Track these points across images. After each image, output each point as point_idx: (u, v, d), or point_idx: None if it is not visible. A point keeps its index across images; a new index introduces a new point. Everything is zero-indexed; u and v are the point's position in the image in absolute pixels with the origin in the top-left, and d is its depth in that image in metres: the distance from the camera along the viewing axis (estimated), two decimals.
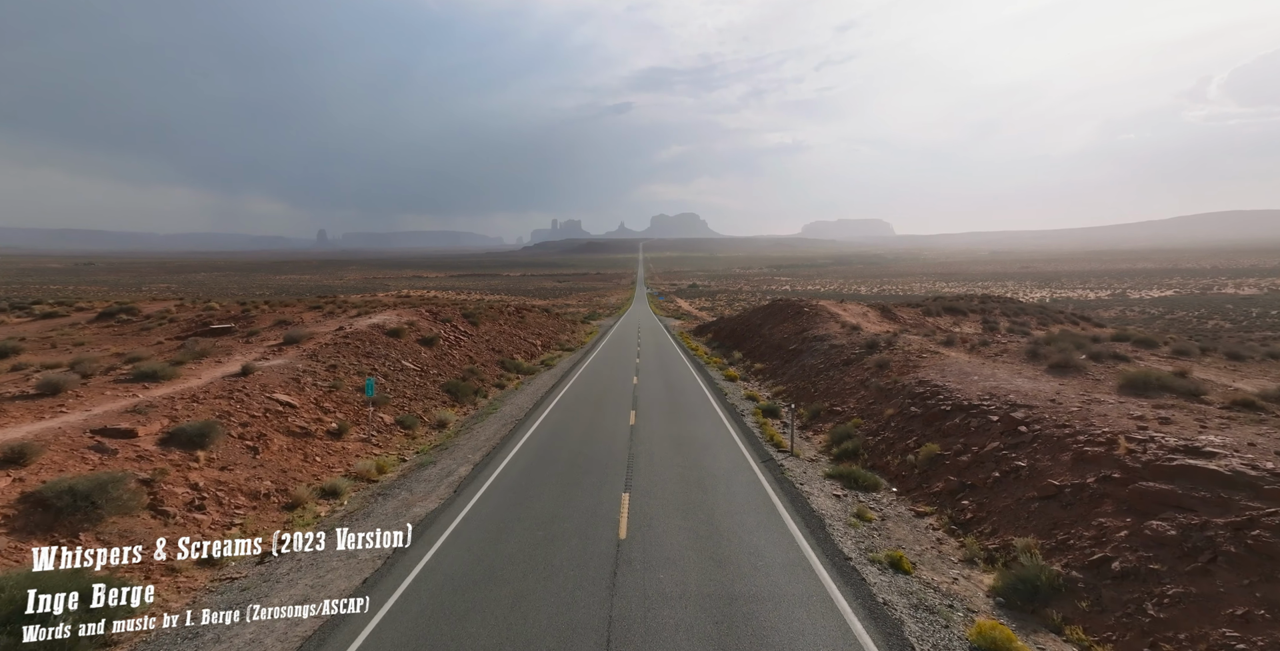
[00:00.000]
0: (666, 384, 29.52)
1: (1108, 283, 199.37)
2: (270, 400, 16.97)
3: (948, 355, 22.45)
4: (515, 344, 42.51)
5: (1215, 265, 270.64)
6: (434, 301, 57.79)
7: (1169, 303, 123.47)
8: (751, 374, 34.26)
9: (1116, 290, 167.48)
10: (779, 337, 38.93)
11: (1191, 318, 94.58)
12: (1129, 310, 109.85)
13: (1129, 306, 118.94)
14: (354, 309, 39.32)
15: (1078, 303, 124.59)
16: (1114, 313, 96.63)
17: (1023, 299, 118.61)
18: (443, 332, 34.64)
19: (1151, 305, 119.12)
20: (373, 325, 29.94)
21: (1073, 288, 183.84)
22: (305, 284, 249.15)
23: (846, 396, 22.14)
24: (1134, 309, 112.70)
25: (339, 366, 23.04)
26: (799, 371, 29.37)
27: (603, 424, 20.40)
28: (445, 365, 29.89)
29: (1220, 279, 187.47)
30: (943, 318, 41.04)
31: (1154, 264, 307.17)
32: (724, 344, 50.75)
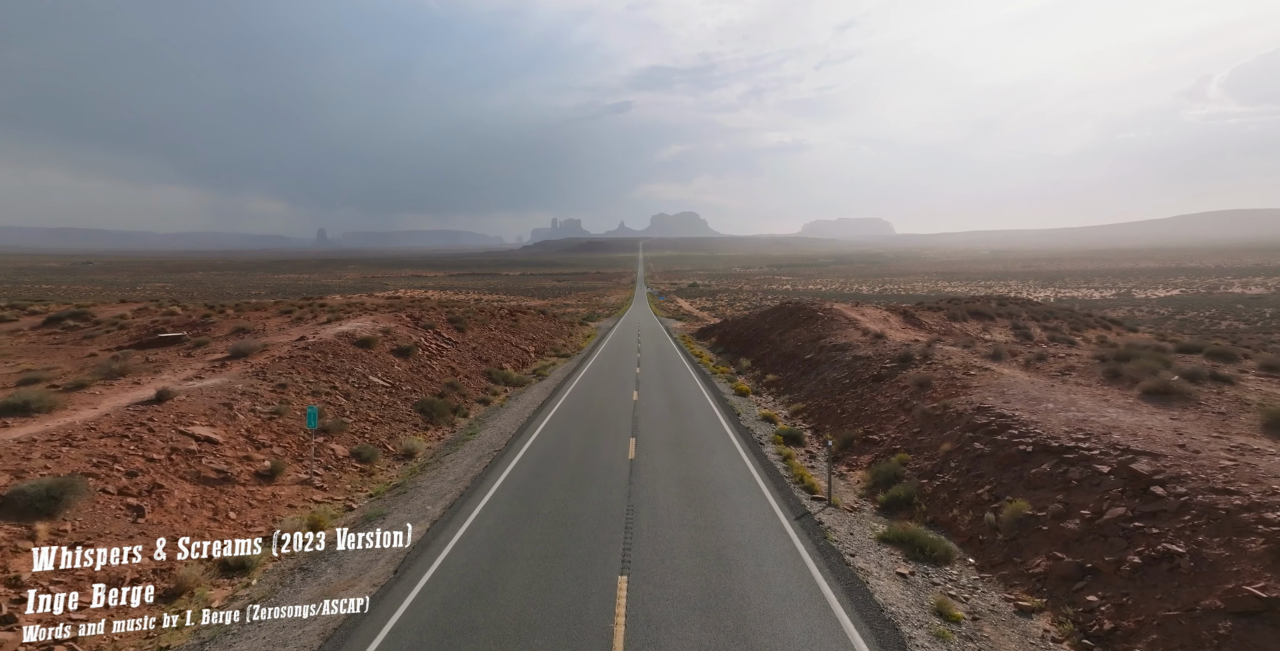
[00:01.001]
0: (670, 400, 26.21)
1: (1112, 282, 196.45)
2: (183, 435, 13.64)
3: (1000, 372, 19.15)
4: (506, 351, 39.14)
5: (1219, 264, 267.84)
6: (422, 303, 54.55)
7: (1176, 302, 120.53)
8: (763, 386, 30.98)
9: (1121, 289, 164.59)
10: (791, 345, 35.64)
11: (1203, 318, 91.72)
12: (1136, 310, 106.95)
13: (1136, 306, 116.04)
14: (328, 314, 36.05)
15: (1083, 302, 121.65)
16: (1121, 312, 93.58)
17: (1027, 299, 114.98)
18: (423, 341, 31.32)
19: (1159, 305, 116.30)
20: (341, 334, 26.62)
21: (1076, 287, 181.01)
22: (303, 283, 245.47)
23: (884, 422, 18.83)
24: (1142, 309, 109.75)
25: (290, 385, 19.71)
26: (820, 386, 26.06)
27: (596, 457, 17.07)
28: (422, 379, 26.57)
29: (1225, 278, 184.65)
30: (969, 322, 37.71)
31: (1157, 263, 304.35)
32: (729, 349, 47.38)
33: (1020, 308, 44.48)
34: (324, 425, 17.87)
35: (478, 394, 28.18)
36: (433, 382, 26.79)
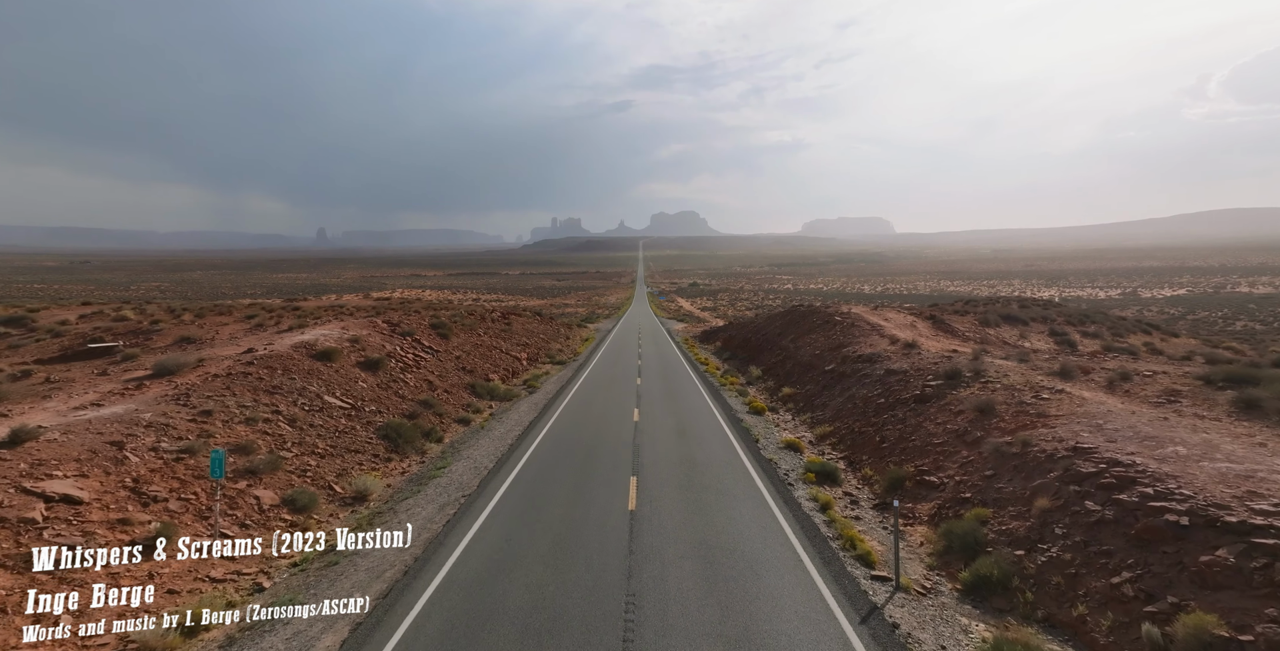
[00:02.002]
0: (677, 421, 22.66)
1: (1116, 281, 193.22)
2: (26, 495, 10.16)
3: (1082, 397, 15.67)
4: (494, 359, 35.72)
5: (1223, 263, 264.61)
6: (407, 306, 50.93)
7: (1184, 302, 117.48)
8: (779, 401, 27.54)
9: (1127, 289, 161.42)
10: (808, 354, 32.17)
11: (1216, 318, 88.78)
12: (1145, 310, 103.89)
13: (1144, 306, 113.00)
14: (296, 318, 32.52)
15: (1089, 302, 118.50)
16: (1130, 312, 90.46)
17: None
18: (398, 350, 27.84)
19: (1168, 304, 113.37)
20: (299, 345, 23.07)
21: (1081, 286, 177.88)
22: (301, 283, 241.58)
23: (940, 457, 15.34)
24: (1151, 309, 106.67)
25: (217, 412, 16.19)
26: (848, 405, 22.55)
27: (588, 509, 13.57)
28: (391, 396, 23.05)
29: (1231, 277, 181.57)
30: (1003, 328, 34.23)
31: (1160, 262, 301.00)
32: (736, 355, 43.93)
33: (1053, 311, 40.99)
34: (252, 465, 14.39)
35: (457, 411, 24.71)
36: (404, 400, 23.28)
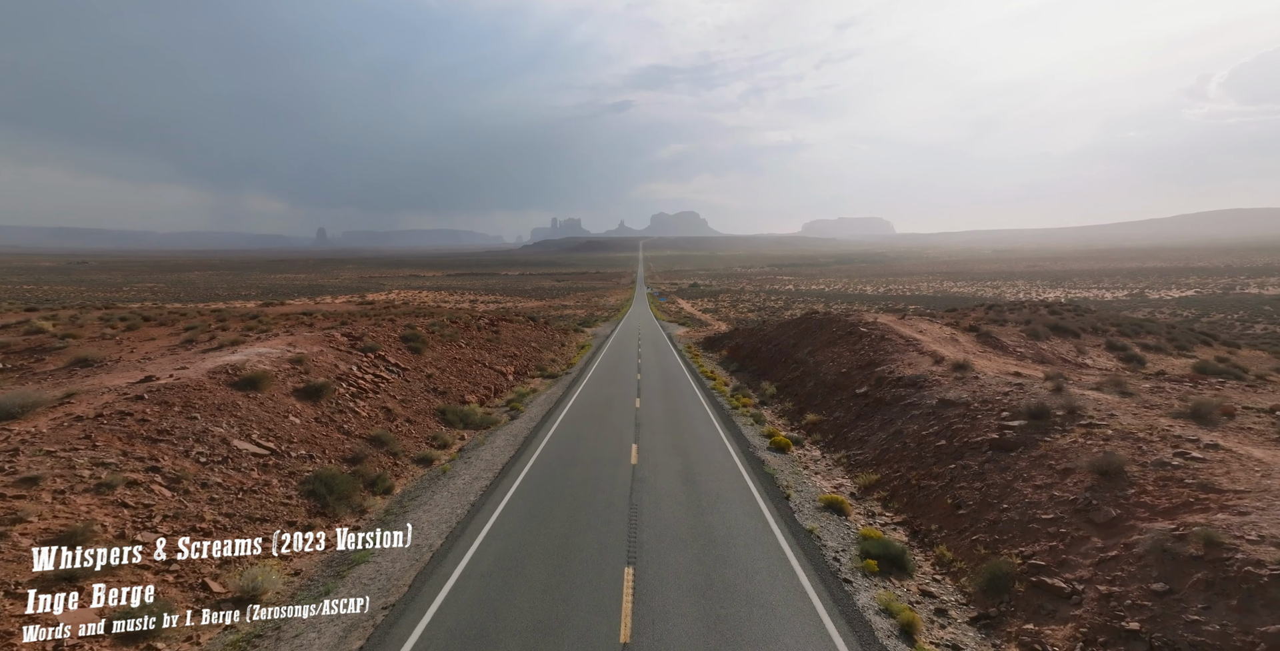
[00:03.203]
0: (685, 465, 18.17)
1: (1121, 282, 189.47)
2: None
3: (1250, 455, 11.32)
4: (474, 376, 31.49)
5: (1228, 264, 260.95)
6: (389, 311, 46.63)
7: (1194, 303, 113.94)
8: (803, 431, 23.18)
9: (1133, 290, 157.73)
10: (832, 371, 27.81)
11: (1233, 321, 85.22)
12: (1157, 311, 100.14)
13: (1156, 307, 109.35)
14: (243, 328, 28.17)
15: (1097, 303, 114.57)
16: (1142, 314, 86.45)
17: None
18: (354, 370, 23.44)
19: (1179, 306, 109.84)
20: (218, 370, 18.62)
21: (1086, 287, 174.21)
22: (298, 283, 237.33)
23: (1059, 543, 10.93)
24: (1163, 311, 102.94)
25: (51, 478, 11.73)
26: (894, 443, 18.08)
27: (560, 644, 9.15)
28: (333, 433, 18.63)
29: (1239, 278, 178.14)
30: (1054, 341, 29.88)
31: (1164, 262, 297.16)
32: (745, 367, 39.97)
33: (1103, 321, 36.58)
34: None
35: (418, 448, 20.33)
36: (349, 438, 18.86)
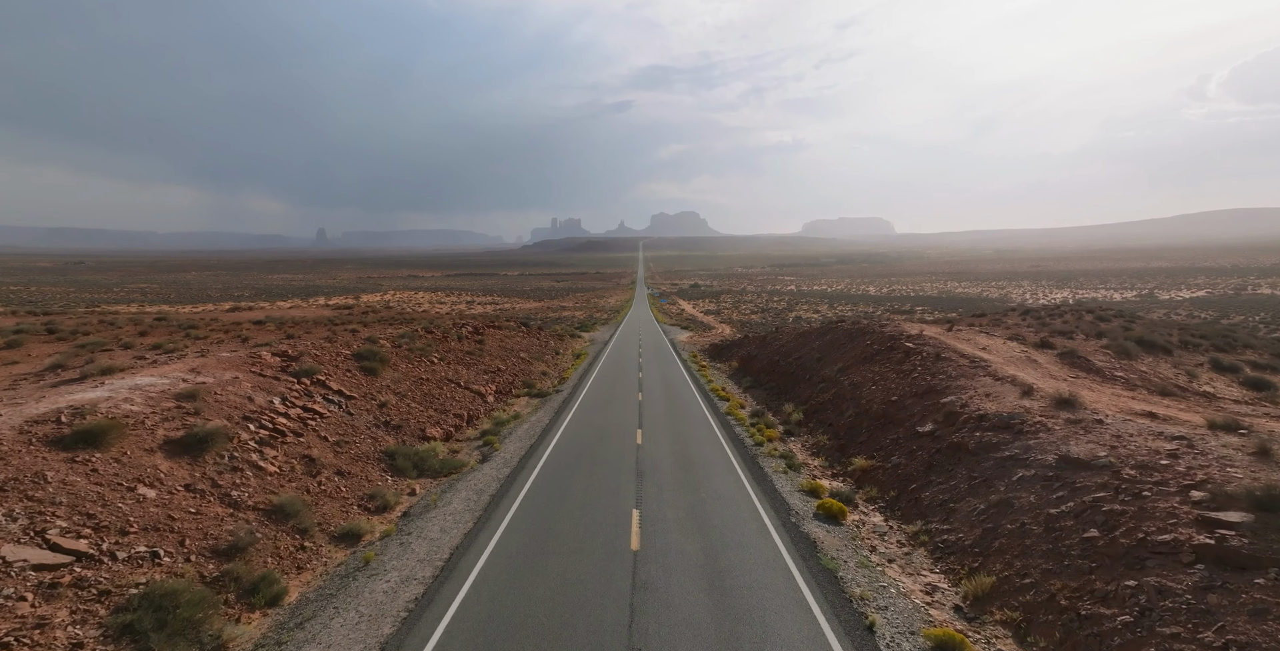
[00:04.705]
0: (705, 551, 12.40)
1: (1129, 282, 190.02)
2: None
3: None
4: (444, 400, 25.77)
5: (1235, 264, 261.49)
6: (352, 319, 42.00)
7: (1208, 304, 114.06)
8: (851, 481, 18.03)
9: (1142, 290, 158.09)
10: (877, 399, 22.18)
11: (1256, 323, 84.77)
12: (1173, 313, 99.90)
13: (1170, 309, 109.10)
14: (155, 350, 21.98)
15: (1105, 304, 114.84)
16: (1157, 316, 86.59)
17: (1045, 301, 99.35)
18: (275, 405, 17.05)
19: (1194, 307, 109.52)
20: (45, 417, 11.95)
21: (1094, 288, 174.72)
22: (296, 284, 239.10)
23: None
24: (1179, 312, 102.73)
25: None
26: (1002, 522, 12.10)
27: None
28: (211, 505, 11.92)
29: (1249, 279, 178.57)
30: (1145, 358, 26.61)
31: (1169, 263, 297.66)
32: (760, 382, 36.22)
33: (1188, 332, 32.96)
34: None
35: (344, 515, 14.03)
36: (237, 511, 12.20)
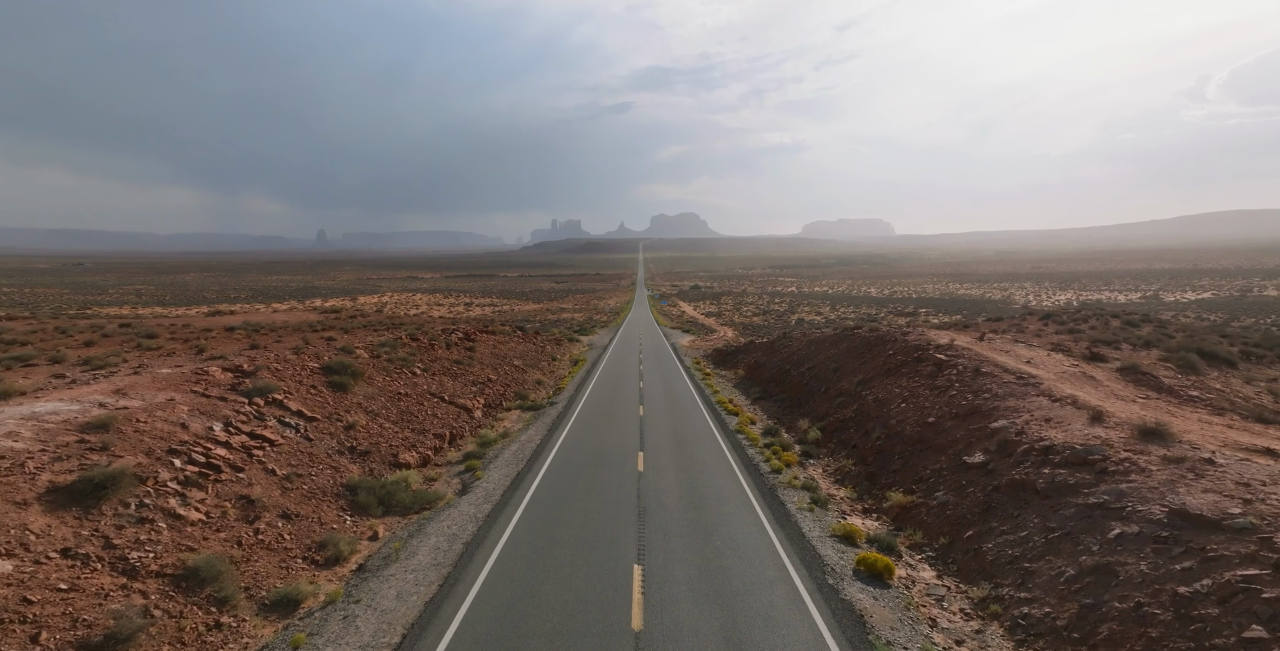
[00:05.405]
0: (725, 629, 9.99)
1: (1132, 283, 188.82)
2: None
3: None
4: (424, 417, 23.39)
5: (1237, 265, 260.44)
6: (336, 324, 38.28)
7: (1215, 306, 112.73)
8: (887, 518, 15.96)
9: (1146, 292, 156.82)
10: (911, 420, 19.92)
11: (1268, 326, 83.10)
12: (1181, 315, 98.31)
13: (1177, 311, 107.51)
14: (100, 364, 20.12)
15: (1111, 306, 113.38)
16: (1166, 317, 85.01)
17: (1049, 302, 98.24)
18: (214, 431, 14.77)
19: (1202, 309, 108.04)
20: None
21: (1097, 289, 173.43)
22: (295, 285, 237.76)
23: None
24: (1187, 314, 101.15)
25: None
26: (1103, 596, 9.60)
27: None
28: (96, 575, 9.33)
29: (1253, 280, 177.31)
30: (1213, 373, 24.11)
31: (1171, 264, 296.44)
32: (768, 393, 34.35)
33: (1251, 344, 30.32)
34: None
35: (282, 573, 11.54)
36: (133, 578, 9.70)
